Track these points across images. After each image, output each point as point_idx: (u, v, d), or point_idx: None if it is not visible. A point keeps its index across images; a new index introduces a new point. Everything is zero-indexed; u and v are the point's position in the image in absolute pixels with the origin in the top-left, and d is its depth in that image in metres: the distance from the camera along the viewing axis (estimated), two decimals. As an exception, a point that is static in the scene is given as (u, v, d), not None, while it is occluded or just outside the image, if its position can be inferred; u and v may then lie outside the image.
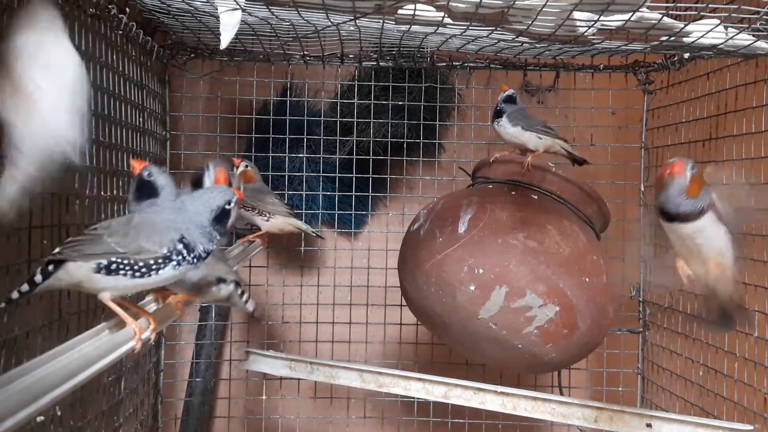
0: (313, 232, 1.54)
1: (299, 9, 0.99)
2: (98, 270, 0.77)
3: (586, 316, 1.20)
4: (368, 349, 1.72)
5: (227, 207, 0.83)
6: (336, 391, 1.70)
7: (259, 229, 1.47)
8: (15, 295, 0.78)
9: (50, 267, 0.78)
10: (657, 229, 1.03)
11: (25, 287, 0.78)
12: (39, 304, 0.96)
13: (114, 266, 0.77)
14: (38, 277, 0.78)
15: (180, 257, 0.80)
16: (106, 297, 0.79)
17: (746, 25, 0.99)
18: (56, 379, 0.65)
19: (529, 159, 1.34)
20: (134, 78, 1.38)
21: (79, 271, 0.77)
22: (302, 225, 1.51)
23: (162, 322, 0.88)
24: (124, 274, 0.77)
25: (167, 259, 0.79)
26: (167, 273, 0.80)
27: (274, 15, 1.07)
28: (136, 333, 0.80)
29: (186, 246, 0.80)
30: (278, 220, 1.46)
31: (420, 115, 1.69)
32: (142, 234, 0.79)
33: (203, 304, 1.67)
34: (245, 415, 1.75)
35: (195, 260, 0.81)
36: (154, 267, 0.78)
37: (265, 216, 1.45)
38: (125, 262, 0.77)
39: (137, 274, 0.78)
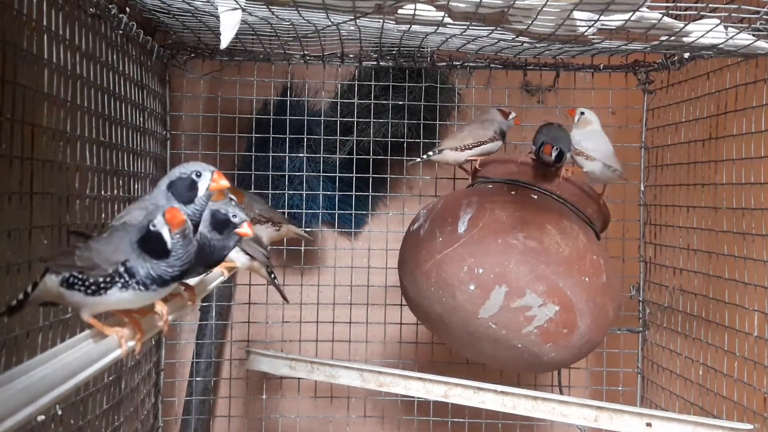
0: (305, 233, 1.60)
1: (299, 9, 0.99)
2: (62, 283, 0.75)
3: (586, 315, 1.20)
4: (368, 348, 1.72)
5: (151, 228, 0.74)
6: (336, 391, 1.70)
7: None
8: (14, 302, 0.79)
9: (38, 276, 0.78)
10: None
11: (21, 296, 0.79)
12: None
13: (71, 280, 0.74)
14: (29, 288, 0.78)
15: (123, 280, 0.74)
16: (84, 317, 0.77)
17: (746, 25, 0.99)
18: (57, 378, 0.65)
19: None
20: (134, 78, 1.38)
21: (51, 283, 0.76)
22: (301, 231, 1.57)
23: (149, 332, 0.86)
24: (79, 290, 0.74)
25: (112, 279, 0.74)
26: (115, 295, 0.74)
27: (274, 15, 1.07)
28: (121, 343, 0.77)
29: (127, 270, 0.74)
30: (283, 230, 1.52)
31: (420, 114, 1.70)
32: (100, 250, 0.75)
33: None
34: (245, 414, 1.75)
35: (140, 286, 0.74)
36: (102, 286, 0.74)
37: (277, 226, 1.49)
38: (80, 277, 0.74)
39: (89, 291, 0.74)
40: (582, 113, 1.40)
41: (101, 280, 0.74)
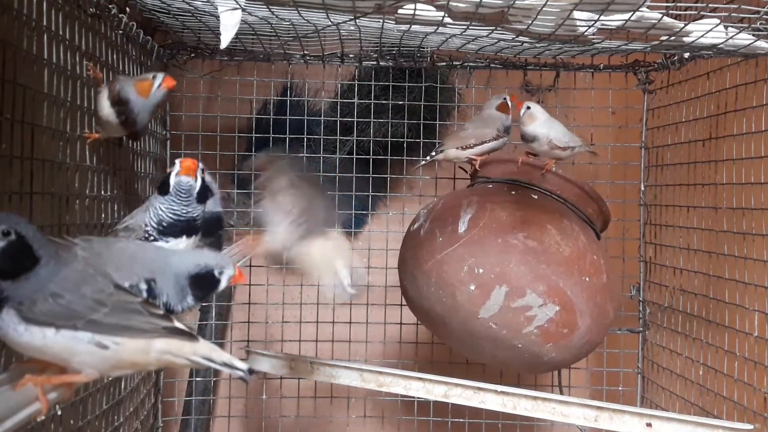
0: None
1: (299, 9, 0.99)
2: None
3: (586, 315, 1.20)
4: (368, 348, 1.72)
5: (216, 275, 0.75)
6: (336, 391, 1.70)
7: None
8: None
9: None
10: None
11: None
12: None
13: None
14: None
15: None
16: None
17: (746, 25, 0.99)
18: (57, 378, 0.65)
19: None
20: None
21: None
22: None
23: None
24: None
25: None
26: None
27: (274, 15, 1.07)
28: None
29: (149, 291, 0.71)
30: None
31: (420, 114, 1.69)
32: (114, 260, 0.72)
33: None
34: (245, 414, 1.75)
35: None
36: None
37: None
38: None
39: None
40: (528, 107, 1.36)
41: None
